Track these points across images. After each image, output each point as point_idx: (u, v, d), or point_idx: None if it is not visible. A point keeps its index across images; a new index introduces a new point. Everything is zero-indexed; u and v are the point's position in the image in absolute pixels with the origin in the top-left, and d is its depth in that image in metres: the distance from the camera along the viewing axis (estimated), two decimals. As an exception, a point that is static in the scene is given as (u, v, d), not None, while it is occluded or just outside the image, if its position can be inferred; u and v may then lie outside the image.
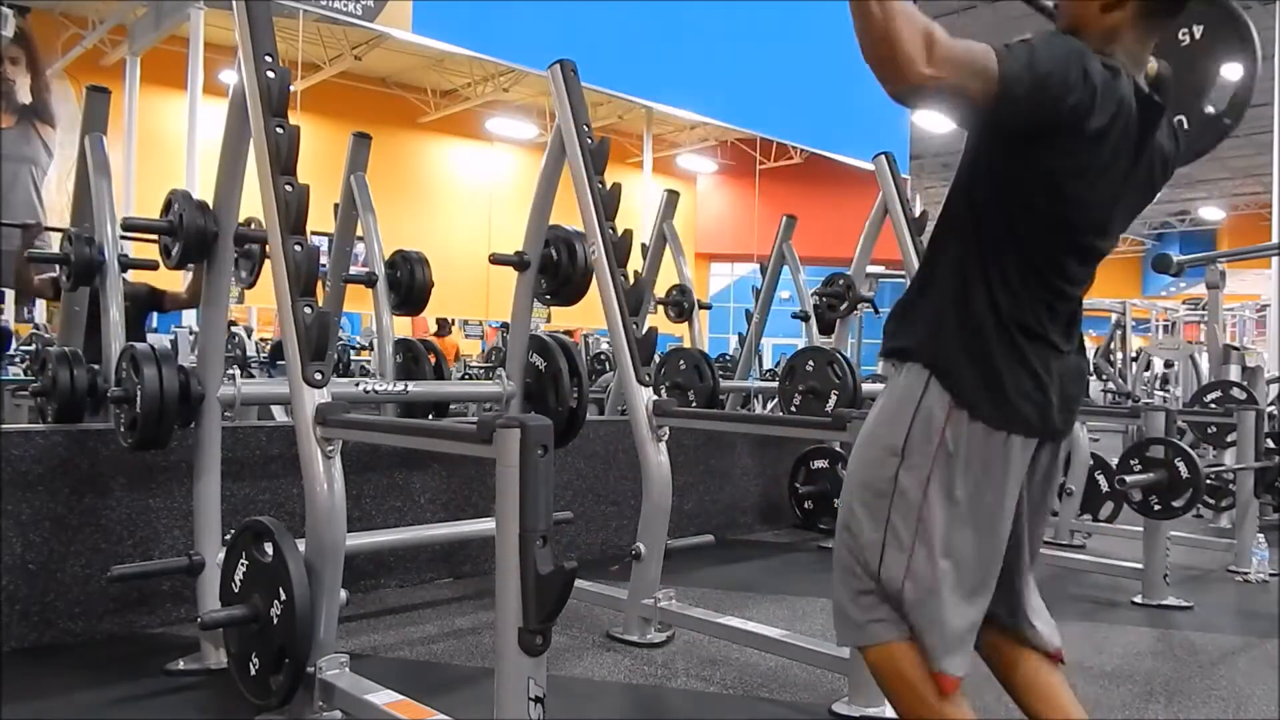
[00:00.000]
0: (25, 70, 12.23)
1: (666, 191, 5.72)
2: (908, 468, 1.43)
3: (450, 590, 3.55)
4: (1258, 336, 12.07)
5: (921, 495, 1.42)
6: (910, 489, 1.43)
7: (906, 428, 1.44)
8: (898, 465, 1.44)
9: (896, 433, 1.45)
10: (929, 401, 1.44)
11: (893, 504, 1.44)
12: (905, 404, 1.46)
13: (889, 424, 1.47)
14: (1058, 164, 1.36)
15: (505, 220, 15.64)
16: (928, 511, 1.42)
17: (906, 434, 1.44)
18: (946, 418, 1.42)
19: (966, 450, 1.42)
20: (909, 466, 1.43)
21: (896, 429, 1.45)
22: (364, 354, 9.15)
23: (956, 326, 1.44)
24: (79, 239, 3.24)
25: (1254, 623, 3.41)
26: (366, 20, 6.55)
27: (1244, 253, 7.42)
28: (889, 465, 1.45)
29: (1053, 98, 1.28)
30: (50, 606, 2.74)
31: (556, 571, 1.51)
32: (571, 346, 3.39)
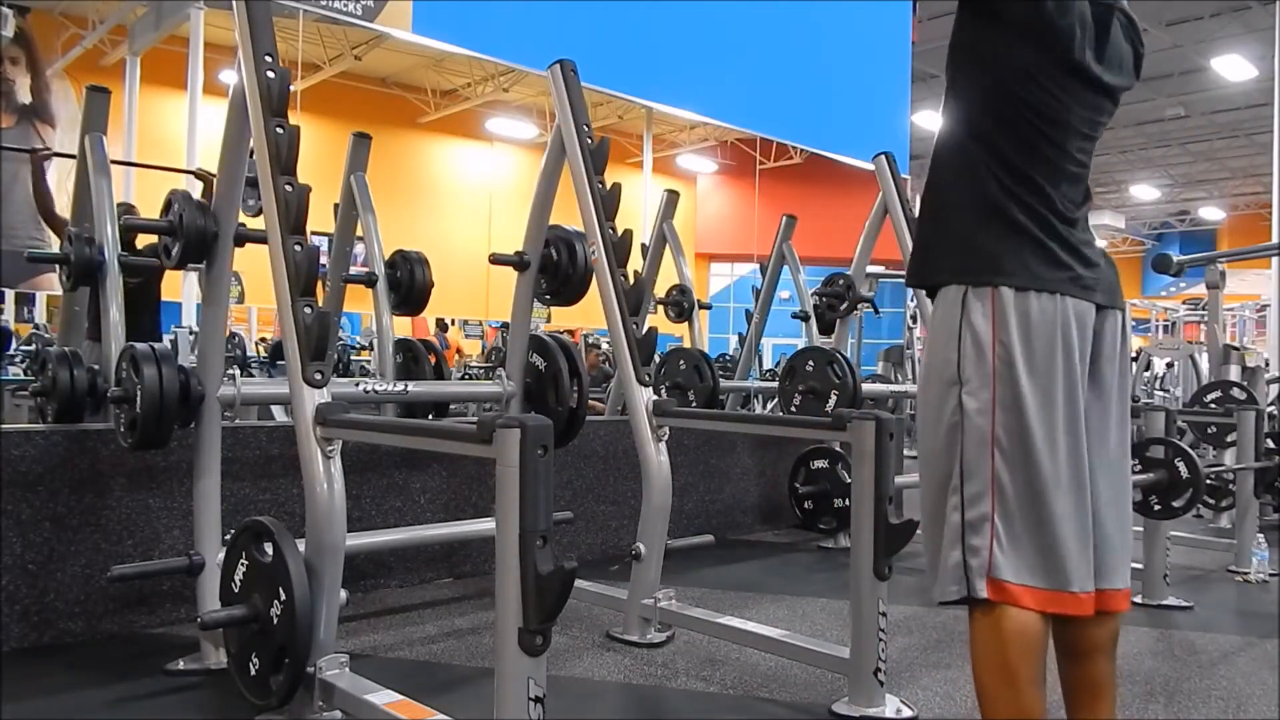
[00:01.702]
0: (25, 70, 12.24)
1: (666, 191, 5.72)
2: (969, 392, 1.43)
3: (450, 590, 3.55)
4: (1258, 336, 12.08)
5: (990, 415, 1.41)
6: (977, 412, 1.42)
7: (957, 352, 1.45)
8: (959, 393, 1.44)
9: (949, 360, 1.46)
10: (972, 314, 1.44)
11: (964, 433, 1.43)
12: (949, 330, 1.46)
13: (939, 355, 1.48)
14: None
15: (505, 220, 15.67)
16: (1000, 429, 1.41)
17: (958, 358, 1.45)
18: (991, 319, 1.42)
19: (1020, 339, 1.41)
20: (970, 391, 1.43)
21: (949, 356, 1.46)
22: (364, 354, 9.15)
23: (972, 225, 1.47)
24: (79, 239, 3.24)
25: (1254, 623, 3.40)
26: (366, 20, 6.54)
27: (1244, 253, 7.42)
28: (951, 396, 1.45)
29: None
30: (50, 606, 2.74)
31: (556, 571, 1.51)
32: (571, 346, 3.39)
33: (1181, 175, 20.46)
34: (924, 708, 2.42)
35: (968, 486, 1.44)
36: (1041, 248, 1.45)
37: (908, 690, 2.52)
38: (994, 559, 1.41)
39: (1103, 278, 1.50)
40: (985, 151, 1.49)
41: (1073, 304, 1.44)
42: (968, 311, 1.44)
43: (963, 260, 1.48)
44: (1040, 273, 1.43)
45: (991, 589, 1.41)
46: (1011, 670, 1.42)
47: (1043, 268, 1.44)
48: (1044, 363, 1.42)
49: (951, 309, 1.47)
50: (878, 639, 2.32)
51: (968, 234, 1.48)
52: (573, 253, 3.23)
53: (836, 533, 4.50)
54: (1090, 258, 1.50)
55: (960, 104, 1.54)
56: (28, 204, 12.12)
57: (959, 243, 1.50)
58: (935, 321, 1.51)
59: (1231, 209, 22.30)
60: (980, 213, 1.48)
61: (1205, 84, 14.55)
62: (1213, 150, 18.61)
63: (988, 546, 1.42)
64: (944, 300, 1.49)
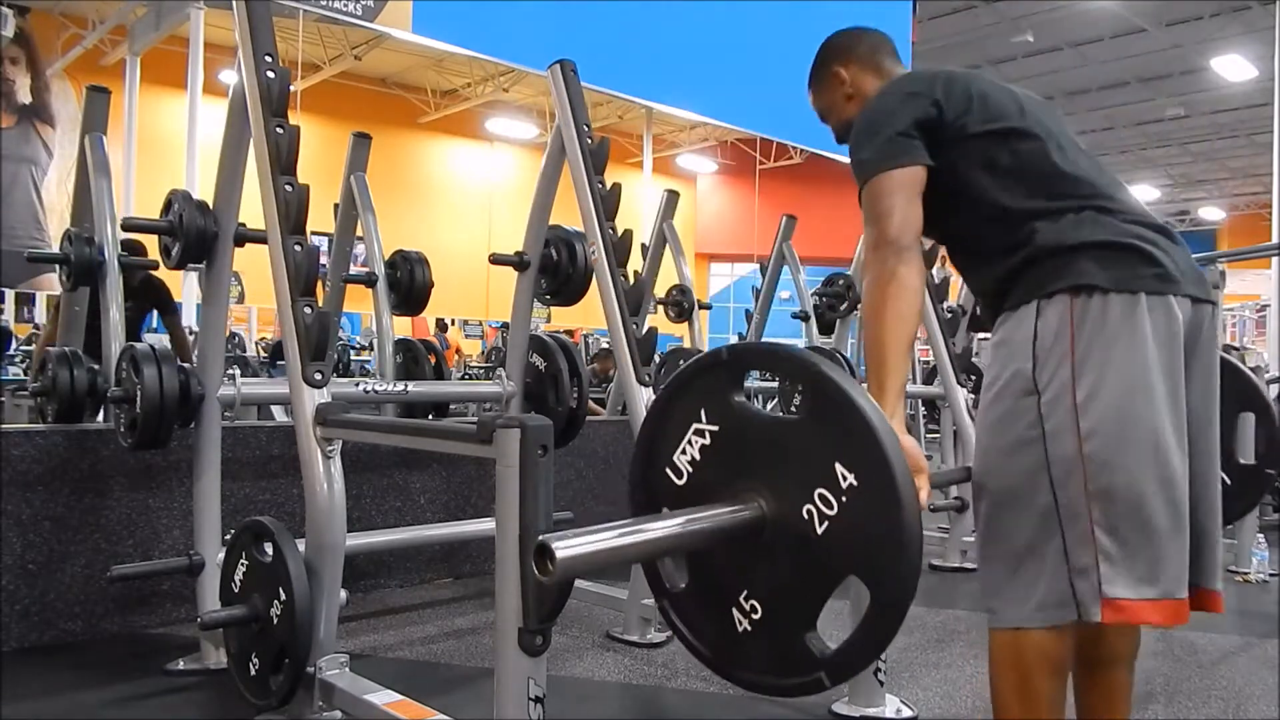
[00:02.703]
0: (25, 70, 12.25)
1: (666, 191, 5.72)
2: (1049, 401, 1.35)
3: (450, 590, 3.55)
4: (1258, 336, 12.07)
5: (1074, 424, 1.33)
6: (1060, 422, 1.34)
7: (1030, 359, 1.38)
8: (1036, 403, 1.37)
9: (1022, 371, 1.39)
10: (1047, 322, 1.38)
11: (1047, 446, 1.35)
12: (1021, 342, 1.40)
13: (1009, 368, 1.41)
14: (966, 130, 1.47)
15: (505, 220, 15.67)
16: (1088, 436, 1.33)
17: (1033, 364, 1.38)
18: (1071, 325, 1.35)
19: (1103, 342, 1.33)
20: (1050, 400, 1.35)
21: (1021, 367, 1.39)
22: (364, 354, 9.15)
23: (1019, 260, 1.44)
24: (79, 239, 3.24)
25: (1254, 623, 3.40)
26: (366, 20, 6.55)
27: (1244, 253, 7.41)
28: (1027, 409, 1.38)
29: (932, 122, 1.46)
30: (50, 606, 2.74)
31: (557, 571, 1.51)
32: (571, 347, 3.39)
33: (1181, 175, 20.46)
34: (924, 708, 2.42)
35: (1063, 505, 1.35)
36: (1107, 246, 1.38)
37: (908, 690, 2.52)
38: (1103, 577, 1.33)
39: (1184, 265, 1.41)
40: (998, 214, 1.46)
41: (1159, 300, 1.35)
42: (1043, 317, 1.38)
43: (1027, 279, 1.42)
44: (1115, 272, 1.36)
45: (1108, 610, 1.33)
46: (1034, 692, 1.39)
47: (1115, 266, 1.36)
48: (1136, 360, 1.33)
49: (1023, 321, 1.40)
50: (878, 639, 2.32)
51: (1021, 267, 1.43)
52: (573, 253, 3.23)
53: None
54: (1162, 244, 1.40)
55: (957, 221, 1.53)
56: (28, 204, 12.17)
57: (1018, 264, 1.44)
58: (1003, 340, 1.44)
59: (1231, 209, 22.30)
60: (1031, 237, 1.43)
61: (1205, 84, 14.55)
62: (1213, 150, 18.61)
63: (1094, 565, 1.34)
64: (1013, 318, 1.43)
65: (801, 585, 1.22)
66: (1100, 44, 13.35)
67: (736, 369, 1.34)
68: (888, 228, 1.41)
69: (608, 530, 1.15)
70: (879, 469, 1.14)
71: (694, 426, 1.33)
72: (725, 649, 1.29)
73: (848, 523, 1.16)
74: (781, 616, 1.23)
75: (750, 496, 1.24)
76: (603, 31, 7.05)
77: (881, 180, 1.44)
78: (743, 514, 1.23)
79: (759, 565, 1.25)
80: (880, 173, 1.44)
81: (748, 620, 1.25)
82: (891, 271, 1.39)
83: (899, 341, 1.38)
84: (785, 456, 1.24)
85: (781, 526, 1.22)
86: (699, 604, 1.33)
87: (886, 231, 1.41)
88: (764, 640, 1.24)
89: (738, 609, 1.26)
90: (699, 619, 1.33)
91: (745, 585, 1.25)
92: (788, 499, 1.21)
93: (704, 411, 1.33)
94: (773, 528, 1.23)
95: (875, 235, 1.43)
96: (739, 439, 1.30)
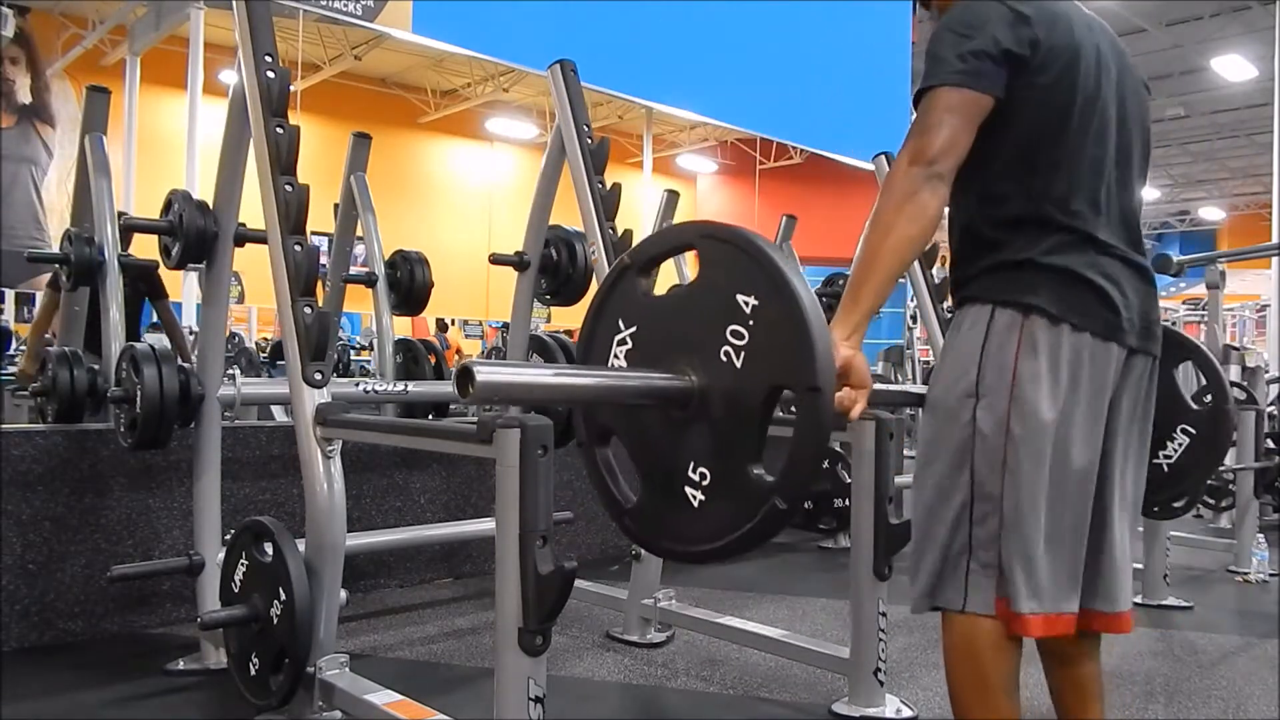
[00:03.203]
0: (25, 70, 12.25)
1: (666, 191, 5.71)
2: (985, 406, 1.39)
3: (450, 590, 3.55)
4: (1258, 336, 12.08)
5: (1004, 430, 1.37)
6: (990, 426, 1.39)
7: (978, 364, 1.41)
8: (974, 406, 1.40)
9: (968, 372, 1.42)
10: (996, 331, 1.40)
11: (975, 448, 1.40)
12: (971, 343, 1.42)
13: (959, 366, 1.44)
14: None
15: (505, 220, 15.67)
16: (1012, 445, 1.37)
17: (979, 371, 1.40)
18: (1018, 341, 1.38)
19: (1046, 364, 1.37)
20: (986, 405, 1.39)
21: (968, 369, 1.42)
22: (364, 354, 9.15)
23: (994, 257, 1.44)
24: (79, 239, 3.24)
25: (1254, 623, 3.40)
26: (366, 20, 6.55)
27: (1244, 253, 7.42)
28: (965, 408, 1.41)
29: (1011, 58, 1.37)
30: (50, 606, 2.74)
31: (556, 571, 1.51)
32: (571, 347, 3.39)
33: (1181, 175, 20.46)
34: (924, 708, 2.42)
35: (978, 503, 1.41)
36: (1075, 279, 1.40)
37: (908, 690, 2.52)
38: (1002, 579, 1.39)
39: (1139, 315, 1.45)
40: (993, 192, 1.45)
41: (1101, 345, 1.39)
42: (994, 325, 1.40)
43: (993, 281, 1.44)
44: (1073, 306, 1.39)
45: (1000, 607, 1.39)
46: (984, 678, 1.42)
47: (1072, 300, 1.39)
48: (1066, 391, 1.38)
49: (977, 325, 1.43)
50: (878, 639, 2.32)
51: (993, 266, 1.44)
52: (573, 253, 3.23)
53: (836, 533, 4.50)
54: (1126, 291, 1.43)
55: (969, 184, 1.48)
56: (28, 204, 12.17)
57: (991, 262, 1.45)
58: (958, 336, 1.47)
59: (1231, 209, 22.30)
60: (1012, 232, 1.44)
61: (1205, 84, 14.55)
62: (1213, 150, 18.61)
63: (995, 565, 1.39)
64: (970, 315, 1.45)
65: (738, 423, 1.24)
66: (1100, 44, 13.34)
67: (640, 266, 1.39)
68: (930, 144, 1.34)
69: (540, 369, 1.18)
70: (768, 276, 1.19)
71: (616, 338, 1.38)
72: (689, 531, 1.31)
73: (760, 341, 1.20)
74: (727, 466, 1.25)
75: (678, 370, 1.28)
76: (603, 31, 7.05)
77: (947, 93, 1.36)
78: (672, 381, 1.27)
79: (698, 432, 1.28)
80: (950, 84, 1.36)
81: (700, 491, 1.27)
82: (915, 191, 1.34)
83: (892, 264, 1.35)
84: (696, 319, 1.28)
85: (709, 384, 1.26)
86: (655, 501, 1.35)
87: (927, 148, 1.35)
88: (719, 500, 1.26)
89: (689, 485, 1.28)
90: (660, 516, 1.35)
91: (691, 458, 1.28)
92: (708, 353, 1.25)
93: (621, 320, 1.38)
94: (701, 390, 1.26)
95: (914, 149, 1.36)
96: (656, 329, 1.34)
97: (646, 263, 1.39)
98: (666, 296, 1.35)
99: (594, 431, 1.44)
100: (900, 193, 1.35)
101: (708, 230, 1.29)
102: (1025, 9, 1.40)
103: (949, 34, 1.39)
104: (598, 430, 1.44)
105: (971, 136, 1.38)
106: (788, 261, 1.20)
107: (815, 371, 1.14)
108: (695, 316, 1.29)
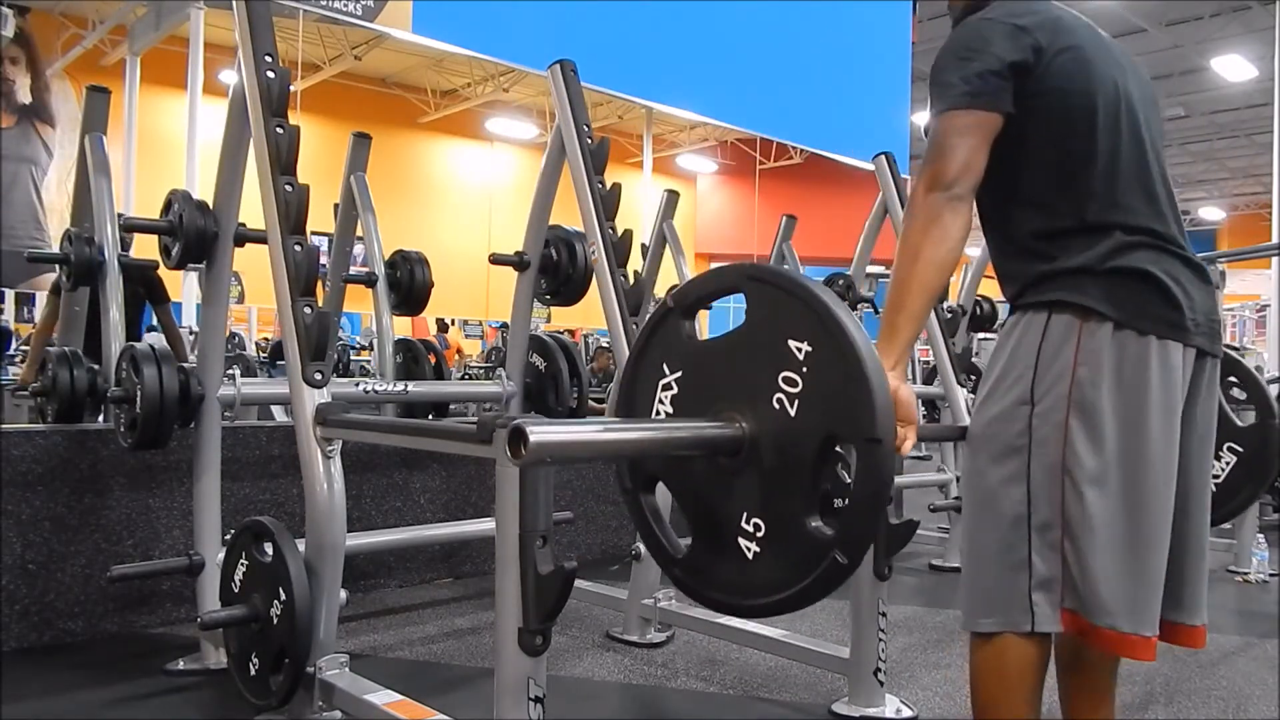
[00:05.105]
0: (25, 70, 12.24)
1: (666, 191, 5.72)
2: (1040, 414, 1.34)
3: (450, 590, 3.55)
4: (1258, 336, 12.07)
5: (1063, 436, 1.33)
6: (1048, 433, 1.34)
7: (1032, 369, 1.36)
8: (1030, 413, 1.35)
9: (1022, 378, 1.37)
10: (1052, 335, 1.36)
11: (1031, 456, 1.35)
12: (1026, 349, 1.38)
13: (1012, 373, 1.39)
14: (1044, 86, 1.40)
15: (505, 220, 15.66)
16: (1072, 452, 1.32)
17: (1033, 374, 1.36)
18: (1076, 344, 1.34)
19: (1108, 371, 1.32)
20: (1042, 413, 1.34)
21: (1022, 374, 1.37)
22: (364, 354, 9.15)
23: (1049, 265, 1.40)
24: (79, 239, 3.24)
25: (1254, 623, 3.40)
26: (366, 20, 6.55)
27: (1244, 253, 7.44)
28: (1019, 417, 1.36)
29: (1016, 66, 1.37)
30: (50, 606, 2.74)
31: (556, 571, 1.51)
32: (571, 347, 3.39)
33: (1181, 175, 20.45)
34: (924, 708, 2.42)
35: (1035, 514, 1.35)
36: (1136, 279, 1.35)
37: (908, 690, 2.52)
38: (1066, 591, 1.34)
39: (1203, 314, 1.40)
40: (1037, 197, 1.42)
41: (1166, 347, 1.34)
42: (1050, 330, 1.36)
43: (1049, 286, 1.39)
44: (1135, 307, 1.34)
45: (1068, 620, 1.34)
46: (1009, 694, 1.39)
47: (1132, 300, 1.35)
48: (1131, 394, 1.33)
49: (1032, 329, 1.39)
50: (878, 639, 2.32)
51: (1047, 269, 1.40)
52: (573, 253, 3.23)
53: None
54: (1189, 292, 1.38)
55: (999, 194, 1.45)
56: (28, 204, 12.16)
57: (1047, 269, 1.41)
58: (1009, 341, 1.42)
59: (1231, 209, 22.30)
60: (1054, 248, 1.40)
61: (1205, 84, 14.54)
62: (1213, 150, 18.60)
63: (1058, 578, 1.34)
64: (1024, 320, 1.41)
65: (793, 473, 1.21)
66: (1100, 44, 13.34)
67: (684, 309, 1.36)
68: (947, 168, 1.35)
69: (588, 424, 1.17)
70: (825, 323, 1.17)
71: (660, 383, 1.35)
72: (744, 585, 1.27)
73: (814, 389, 1.18)
74: (782, 517, 1.22)
75: (728, 416, 1.26)
76: (603, 31, 7.05)
77: (957, 116, 1.37)
78: (722, 429, 1.25)
79: (750, 480, 1.25)
80: (958, 108, 1.37)
81: (754, 542, 1.24)
82: (937, 215, 1.34)
83: (926, 289, 1.34)
84: (745, 365, 1.26)
85: (760, 431, 1.23)
86: (707, 552, 1.32)
87: (944, 172, 1.35)
88: (775, 553, 1.22)
89: (743, 536, 1.25)
90: (711, 567, 1.31)
91: (743, 507, 1.25)
92: (759, 400, 1.23)
93: (666, 365, 1.35)
94: (752, 438, 1.24)
95: (931, 174, 1.36)
96: (703, 373, 1.32)
97: (690, 306, 1.36)
98: (713, 341, 1.33)
99: (639, 479, 1.40)
100: (924, 218, 1.35)
101: (754, 272, 1.26)
102: (1022, 21, 1.40)
103: (952, 59, 1.40)
104: (644, 477, 1.40)
105: (986, 155, 1.38)
106: (841, 306, 1.18)
107: (875, 422, 1.11)
108: (744, 362, 1.26)
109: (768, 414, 1.21)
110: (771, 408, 1.21)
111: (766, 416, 1.22)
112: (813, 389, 1.18)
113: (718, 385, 1.29)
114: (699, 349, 1.33)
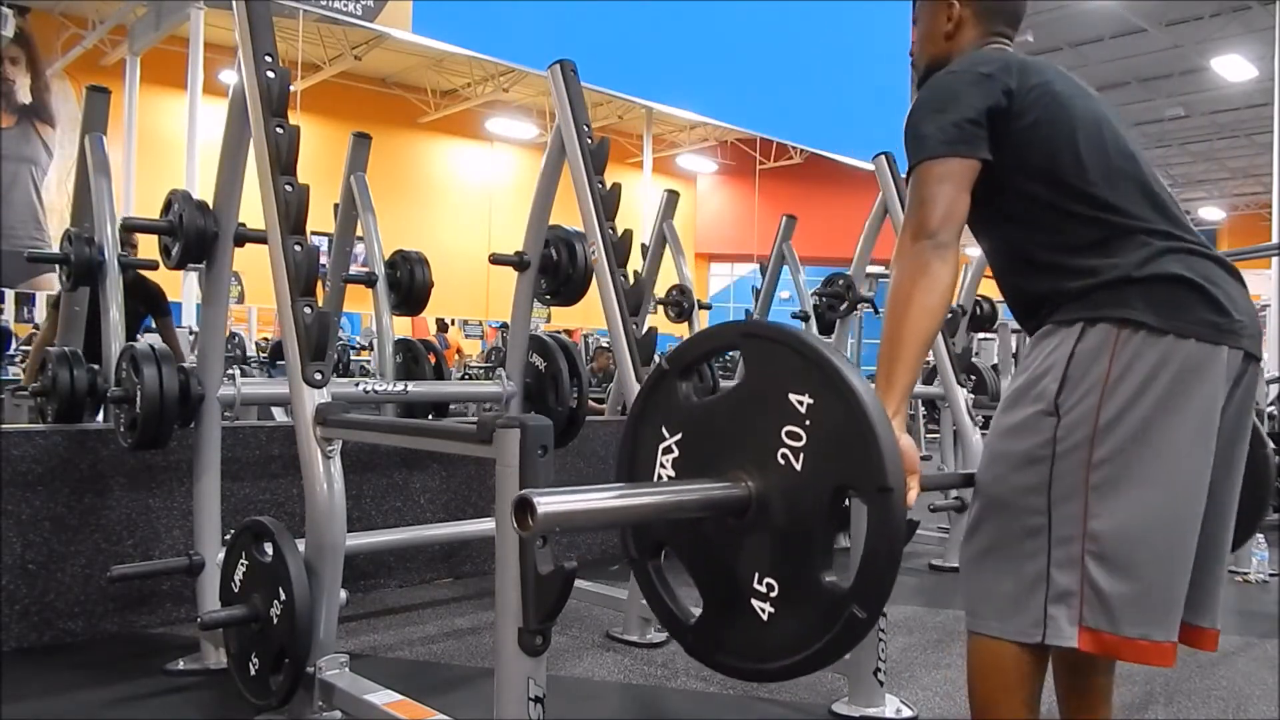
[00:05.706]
0: (25, 70, 12.25)
1: (666, 191, 5.72)
2: (1066, 425, 1.33)
3: (450, 590, 3.55)
4: (1258, 336, 12.06)
5: (1090, 446, 1.31)
6: (1075, 442, 1.32)
7: (1059, 380, 1.35)
8: (1055, 424, 1.34)
9: (1048, 388, 1.36)
10: (1085, 347, 1.34)
11: (1054, 466, 1.34)
12: (1056, 361, 1.36)
13: (1035, 382, 1.38)
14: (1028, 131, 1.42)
15: (505, 220, 15.66)
16: (1101, 462, 1.30)
17: (1060, 385, 1.34)
18: (1111, 354, 1.32)
19: (1146, 381, 1.30)
20: (1068, 424, 1.33)
21: (1048, 385, 1.36)
22: (364, 354, 9.15)
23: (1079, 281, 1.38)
24: (79, 239, 3.24)
25: (1254, 623, 3.40)
26: (366, 20, 6.54)
27: (1244, 253, 7.41)
28: (1041, 426, 1.35)
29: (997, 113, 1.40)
30: (50, 606, 2.74)
31: (556, 571, 1.51)
32: (571, 347, 3.39)
33: (1181, 175, 20.45)
34: (924, 708, 2.42)
35: (1056, 527, 1.34)
36: (1167, 281, 1.34)
37: (908, 690, 2.53)
38: (1086, 606, 1.32)
39: (1245, 314, 1.37)
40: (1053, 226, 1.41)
41: (1208, 351, 1.32)
42: (1083, 341, 1.35)
43: (1084, 301, 1.37)
44: (1176, 313, 1.32)
45: (1086, 638, 1.32)
46: (1008, 698, 1.39)
47: (1171, 305, 1.33)
48: (1169, 402, 1.31)
49: (1063, 341, 1.37)
50: (878, 639, 2.32)
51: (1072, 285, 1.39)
52: (573, 253, 3.23)
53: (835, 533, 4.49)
54: (1227, 286, 1.37)
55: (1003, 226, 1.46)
56: (28, 204, 12.17)
57: (1078, 285, 1.39)
58: (1038, 354, 1.40)
59: (1231, 209, 22.29)
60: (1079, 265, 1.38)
61: (1205, 84, 14.54)
62: (1213, 150, 18.60)
63: (1077, 592, 1.32)
64: (1055, 335, 1.39)
65: (804, 528, 1.19)
66: (1100, 44, 13.35)
67: (679, 372, 1.35)
68: (930, 217, 1.36)
69: (595, 491, 1.16)
70: (824, 374, 1.16)
71: (661, 446, 1.34)
72: (761, 647, 1.25)
73: (819, 441, 1.17)
74: (797, 574, 1.20)
75: (733, 476, 1.24)
76: (603, 31, 7.04)
77: (934, 166, 1.38)
78: (729, 489, 1.23)
79: (760, 539, 1.23)
80: (935, 157, 1.38)
81: (769, 603, 1.22)
82: (925, 264, 1.34)
83: (919, 337, 1.33)
84: (746, 422, 1.25)
85: (767, 488, 1.22)
86: (719, 616, 1.30)
87: (928, 222, 1.36)
88: (791, 612, 1.21)
89: (756, 597, 1.23)
90: (725, 632, 1.30)
91: (754, 568, 1.23)
92: (763, 457, 1.21)
93: (665, 427, 1.34)
94: (760, 495, 1.22)
95: (915, 223, 1.37)
96: (703, 433, 1.30)
97: (686, 367, 1.34)
98: (712, 400, 1.31)
99: (645, 545, 1.38)
100: (912, 268, 1.35)
101: (749, 329, 1.25)
102: (989, 69, 1.43)
103: (926, 112, 1.42)
104: (650, 544, 1.38)
105: (967, 201, 1.39)
106: (839, 356, 1.17)
107: (885, 471, 1.10)
108: (745, 419, 1.24)
109: (773, 470, 1.20)
110: (777, 464, 1.20)
111: (772, 473, 1.20)
112: (817, 442, 1.16)
113: (719, 445, 1.27)
114: (698, 409, 1.32)
